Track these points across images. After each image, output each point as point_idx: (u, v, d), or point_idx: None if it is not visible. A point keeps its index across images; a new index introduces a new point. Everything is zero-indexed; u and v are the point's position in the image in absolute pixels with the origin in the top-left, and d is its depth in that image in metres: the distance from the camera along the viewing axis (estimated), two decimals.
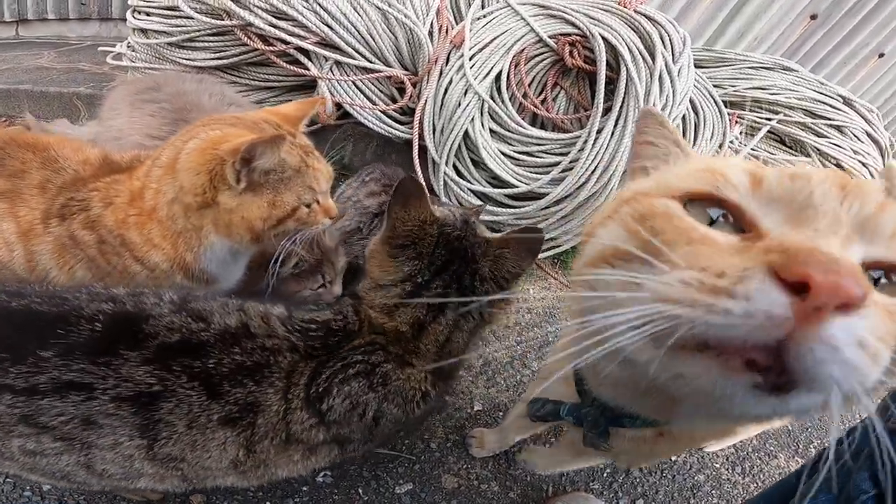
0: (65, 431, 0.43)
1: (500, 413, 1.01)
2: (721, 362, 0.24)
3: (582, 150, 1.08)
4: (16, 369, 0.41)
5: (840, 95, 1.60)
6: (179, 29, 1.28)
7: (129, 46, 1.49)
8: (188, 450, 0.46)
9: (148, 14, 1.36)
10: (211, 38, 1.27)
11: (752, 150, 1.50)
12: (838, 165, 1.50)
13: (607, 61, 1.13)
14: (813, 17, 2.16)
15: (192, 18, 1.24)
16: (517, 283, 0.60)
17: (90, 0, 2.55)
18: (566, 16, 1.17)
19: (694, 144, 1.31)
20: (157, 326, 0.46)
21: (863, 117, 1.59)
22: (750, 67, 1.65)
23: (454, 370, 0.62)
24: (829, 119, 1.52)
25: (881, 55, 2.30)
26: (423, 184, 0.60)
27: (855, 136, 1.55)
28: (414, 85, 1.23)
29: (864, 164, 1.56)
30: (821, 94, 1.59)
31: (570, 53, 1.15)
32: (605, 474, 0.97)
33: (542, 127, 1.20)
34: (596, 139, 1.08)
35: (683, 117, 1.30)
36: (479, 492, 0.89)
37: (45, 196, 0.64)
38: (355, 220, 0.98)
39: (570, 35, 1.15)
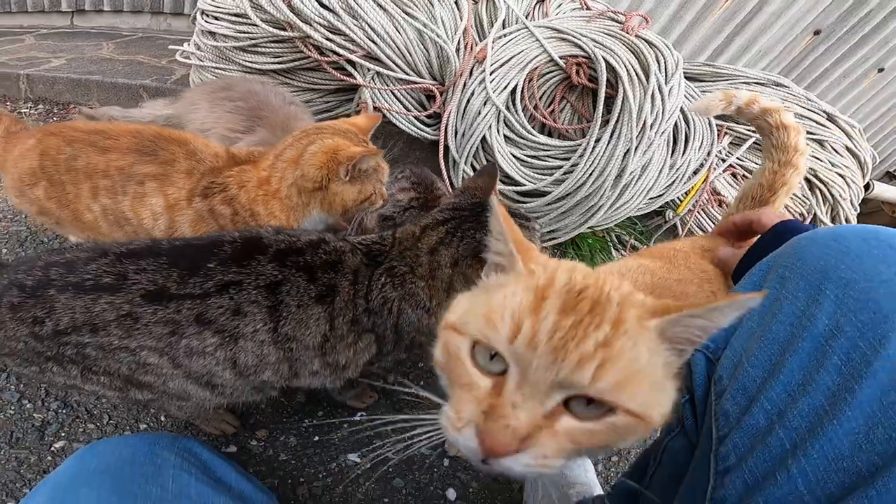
0: (222, 323, 0.62)
1: None
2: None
3: (581, 156, 1.29)
4: (192, 280, 0.63)
5: (824, 111, 1.76)
6: (246, 35, 1.48)
7: (195, 45, 1.70)
8: (297, 327, 0.66)
9: (217, 18, 1.56)
10: (272, 45, 1.48)
11: (739, 159, 1.69)
12: (816, 177, 1.67)
13: (608, 80, 1.33)
14: (817, 33, 2.29)
15: (257, 26, 1.43)
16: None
17: None
18: (575, 40, 1.36)
19: (684, 154, 1.50)
20: (269, 240, 0.69)
21: (844, 132, 1.75)
22: (743, 83, 1.81)
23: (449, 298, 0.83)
24: (812, 133, 1.69)
25: (881, 70, 2.42)
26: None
27: (835, 149, 1.72)
28: (441, 94, 1.44)
29: (841, 176, 1.73)
30: (807, 109, 1.75)
31: (577, 72, 1.34)
32: None
33: (549, 135, 1.41)
34: (594, 147, 1.28)
35: (675, 128, 1.49)
36: None
37: (190, 180, 0.89)
38: (389, 209, 1.16)
39: (577, 56, 1.35)
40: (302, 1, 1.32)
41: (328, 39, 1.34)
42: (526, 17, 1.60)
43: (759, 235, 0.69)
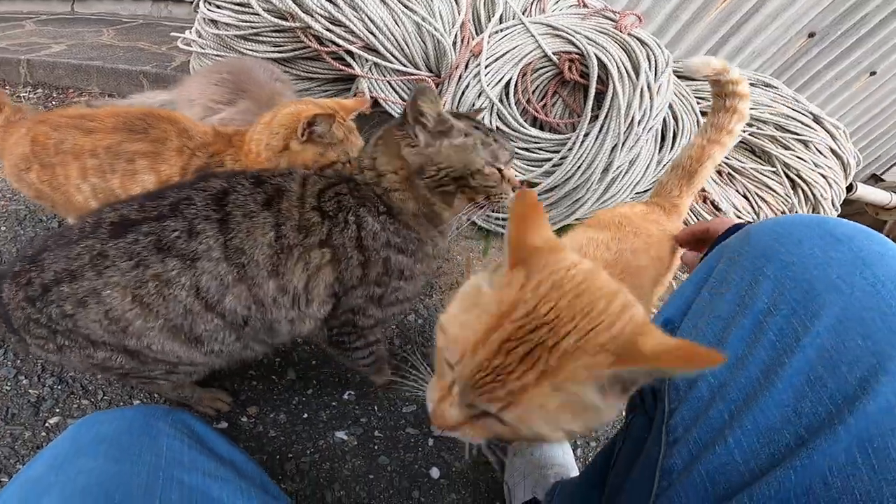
0: (179, 247, 0.62)
1: None
2: None
3: (570, 149, 1.32)
4: (150, 203, 0.65)
5: (811, 113, 1.80)
6: (248, 24, 1.51)
7: (197, 33, 1.72)
8: (245, 239, 0.65)
9: (219, 7, 1.58)
10: (273, 34, 1.50)
11: (725, 158, 1.72)
12: (799, 176, 1.71)
13: (599, 76, 1.36)
14: (811, 35, 2.32)
15: (259, 16, 1.45)
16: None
17: None
18: (569, 36, 1.39)
19: (672, 150, 1.54)
20: None
21: (829, 134, 1.79)
22: None
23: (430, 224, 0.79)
24: (797, 134, 1.73)
25: (873, 73, 2.46)
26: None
27: (819, 150, 1.76)
28: (437, 86, 1.47)
29: (824, 177, 1.77)
30: (794, 110, 1.78)
31: (569, 68, 1.38)
32: None
33: (541, 128, 1.44)
34: (583, 141, 1.32)
35: (664, 124, 1.52)
36: None
37: (181, 157, 0.92)
38: None
39: (570, 53, 1.38)
40: None
41: (328, 30, 1.37)
42: (523, 13, 1.62)
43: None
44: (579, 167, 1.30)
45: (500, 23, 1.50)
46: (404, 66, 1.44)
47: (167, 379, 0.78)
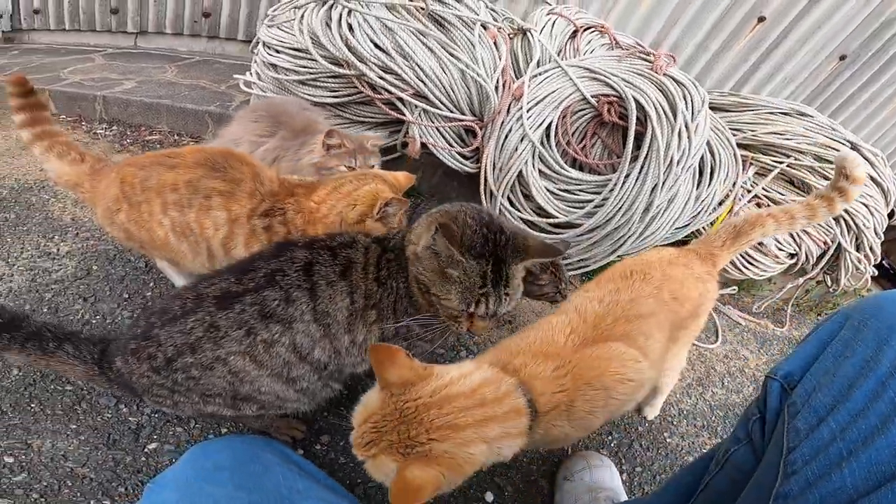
0: (279, 313, 0.76)
1: None
2: None
3: (612, 190, 1.39)
4: (245, 277, 0.79)
5: (848, 141, 1.81)
6: (306, 69, 1.62)
7: (256, 75, 1.86)
8: (328, 303, 0.79)
9: (278, 52, 1.71)
10: (329, 80, 1.62)
11: (764, 189, 1.75)
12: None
13: (637, 118, 1.43)
14: (842, 58, 2.32)
15: (316, 62, 1.56)
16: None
17: (202, 20, 2.92)
18: (607, 80, 1.47)
19: (710, 185, 1.58)
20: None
21: (868, 161, 1.79)
22: (769, 112, 1.87)
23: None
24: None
25: None
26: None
27: None
28: (482, 129, 1.57)
29: (865, 206, 1.78)
30: (830, 139, 1.80)
31: (608, 110, 1.45)
32: (612, 444, 1.23)
33: (581, 169, 1.51)
34: (623, 183, 1.38)
35: (702, 160, 1.57)
36: None
37: (252, 200, 1.03)
38: None
39: (608, 96, 1.45)
40: (359, 42, 1.46)
41: (381, 78, 1.48)
42: (558, 54, 1.71)
43: None
44: (620, 208, 1.37)
45: (538, 66, 1.59)
46: (451, 111, 1.54)
47: (259, 414, 0.89)
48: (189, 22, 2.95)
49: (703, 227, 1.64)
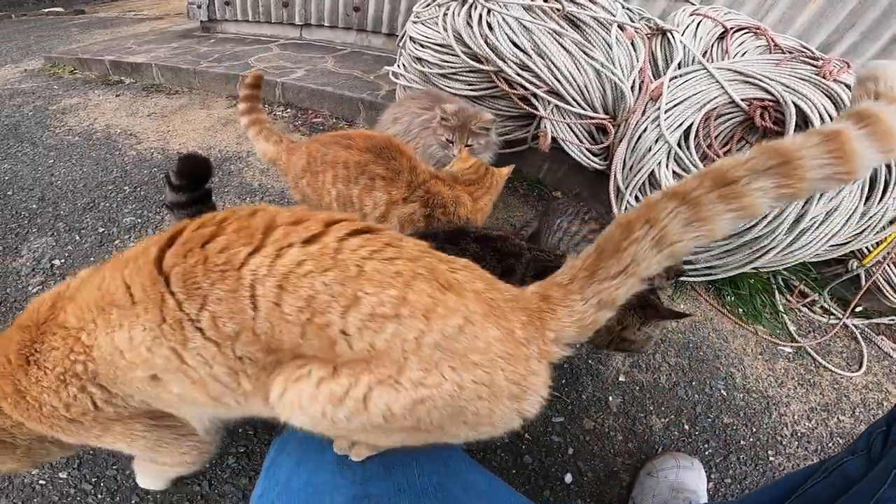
0: None
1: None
2: None
3: None
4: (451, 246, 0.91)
5: None
6: (448, 64, 1.78)
7: (403, 67, 2.07)
8: None
9: (423, 46, 1.88)
10: (468, 74, 1.76)
11: None
12: None
13: (797, 124, 1.31)
14: None
15: (458, 58, 1.72)
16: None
17: (353, 13, 3.27)
18: (761, 83, 1.36)
19: (881, 201, 1.37)
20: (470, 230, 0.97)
21: None
22: None
23: None
24: None
25: None
26: None
27: None
28: (615, 128, 1.58)
29: None
30: None
31: (760, 115, 1.35)
32: (707, 451, 1.19)
33: None
34: None
35: (874, 172, 1.36)
36: (607, 436, 1.17)
37: (408, 189, 1.22)
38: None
39: (763, 100, 1.35)
40: (498, 40, 1.57)
41: (518, 74, 1.58)
42: (704, 56, 1.62)
43: None
44: (766, 216, 1.29)
45: (679, 68, 1.54)
46: (583, 109, 1.57)
47: None
48: (342, 15, 3.32)
49: (868, 247, 1.44)
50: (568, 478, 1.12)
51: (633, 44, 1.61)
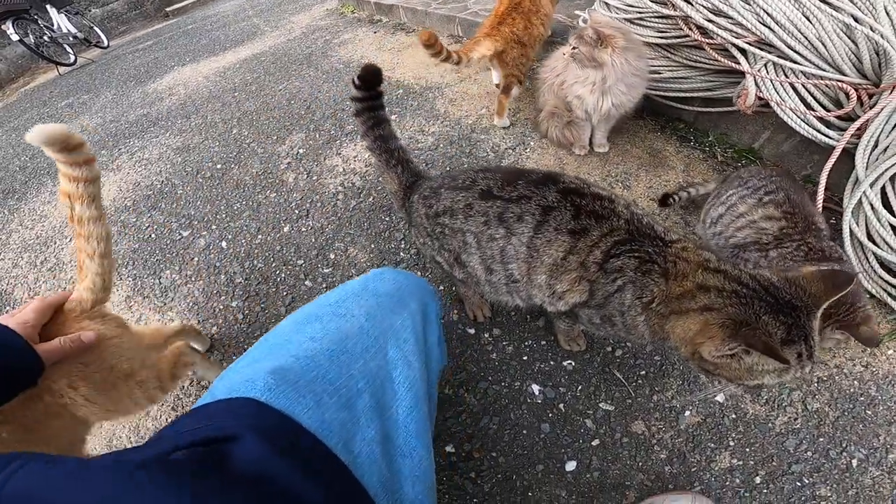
0: (510, 223, 0.87)
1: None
2: None
3: None
4: (507, 188, 0.89)
5: None
6: (634, 9, 1.56)
7: (593, 10, 1.88)
8: (545, 244, 0.84)
9: None
10: (656, 20, 1.50)
11: None
12: None
13: None
14: None
15: (643, 2, 1.49)
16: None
17: None
18: None
19: None
20: (564, 178, 0.90)
21: None
22: None
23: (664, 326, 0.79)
24: None
25: None
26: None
27: None
28: (870, 96, 1.10)
29: None
30: None
31: None
32: (735, 483, 0.95)
33: None
34: None
35: None
36: (649, 447, 1.03)
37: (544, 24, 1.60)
38: (751, 237, 1.06)
39: None
40: None
41: (709, 21, 1.24)
42: None
43: None
44: None
45: None
46: (820, 69, 1.14)
47: (463, 279, 1.10)
48: None
49: None
50: (570, 465, 1.02)
51: None
